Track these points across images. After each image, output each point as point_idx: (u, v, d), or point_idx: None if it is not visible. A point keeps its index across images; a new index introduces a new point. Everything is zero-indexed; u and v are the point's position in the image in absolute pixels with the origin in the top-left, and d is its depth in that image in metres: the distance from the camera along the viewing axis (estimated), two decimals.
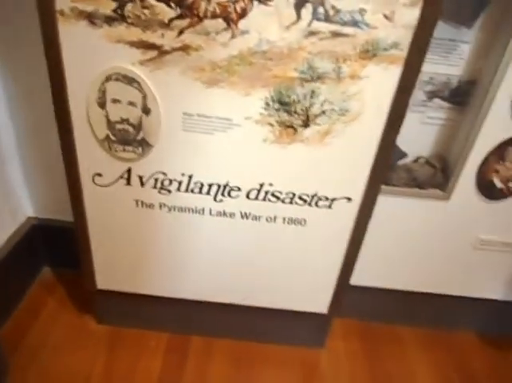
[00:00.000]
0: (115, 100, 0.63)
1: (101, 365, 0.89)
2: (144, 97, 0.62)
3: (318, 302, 0.86)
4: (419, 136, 0.81)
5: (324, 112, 0.63)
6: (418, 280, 0.94)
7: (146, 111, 0.64)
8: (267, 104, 0.62)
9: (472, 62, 0.73)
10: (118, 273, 0.85)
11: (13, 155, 0.94)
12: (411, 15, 0.54)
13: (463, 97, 0.77)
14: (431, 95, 0.77)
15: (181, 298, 0.87)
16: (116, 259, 0.83)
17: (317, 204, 0.72)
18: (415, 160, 0.84)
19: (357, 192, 0.71)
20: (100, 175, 0.71)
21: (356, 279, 0.92)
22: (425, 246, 0.88)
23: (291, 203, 0.72)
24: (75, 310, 1.00)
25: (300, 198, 0.72)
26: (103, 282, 0.87)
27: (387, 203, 0.81)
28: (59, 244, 1.06)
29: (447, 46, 0.71)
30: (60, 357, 0.89)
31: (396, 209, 0.83)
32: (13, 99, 0.87)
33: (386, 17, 0.55)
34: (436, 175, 0.81)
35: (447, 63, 0.74)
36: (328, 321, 0.92)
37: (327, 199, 0.72)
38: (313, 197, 0.71)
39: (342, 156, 0.67)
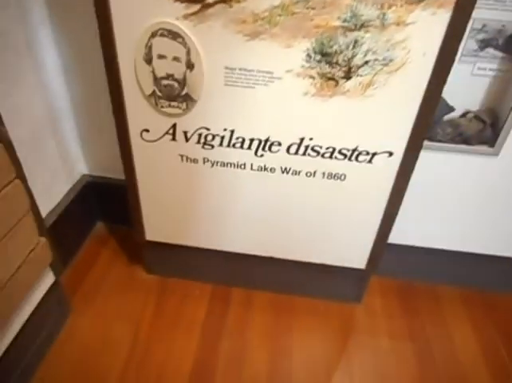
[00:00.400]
0: (160, 56, 0.65)
1: (151, 309, 0.96)
2: (188, 52, 0.64)
3: (357, 257, 0.88)
4: (469, 89, 0.78)
5: (366, 63, 0.62)
6: (462, 239, 0.93)
7: (190, 66, 0.65)
8: (308, 55, 0.62)
9: None
10: (165, 225, 0.90)
11: (68, 116, 1.01)
12: None
13: None
14: (484, 44, 0.73)
15: (223, 250, 0.92)
16: (163, 212, 0.88)
17: (357, 159, 0.72)
18: (463, 115, 0.81)
19: (399, 147, 0.70)
20: (147, 130, 0.75)
21: (397, 238, 0.92)
22: (471, 204, 0.86)
23: (331, 157, 0.73)
24: (126, 261, 1.09)
25: (340, 152, 0.72)
26: (151, 234, 0.93)
27: (431, 160, 0.80)
28: (111, 201, 1.14)
29: None
30: (113, 302, 0.98)
31: (441, 165, 0.82)
32: (67, 62, 0.92)
33: None
34: (485, 131, 0.78)
35: (502, 8, 0.69)
36: (366, 277, 0.94)
37: (367, 153, 0.71)
38: (353, 151, 0.72)
39: (384, 109, 0.66)
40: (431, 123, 0.67)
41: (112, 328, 0.92)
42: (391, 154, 0.71)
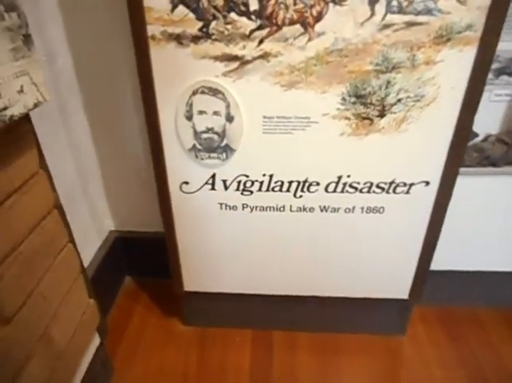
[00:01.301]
0: (201, 112, 0.68)
1: (194, 361, 0.94)
2: (228, 106, 0.67)
3: (399, 288, 0.88)
4: (488, 114, 0.82)
5: (399, 101, 0.65)
6: (498, 260, 0.94)
7: (229, 119, 0.69)
8: (343, 99, 0.65)
9: None
10: (203, 275, 0.90)
11: (96, 176, 1.03)
12: None
13: None
14: (498, 72, 0.78)
15: (262, 293, 0.91)
16: (201, 262, 0.88)
17: (394, 191, 0.74)
18: (485, 139, 0.84)
19: (435, 175, 0.72)
20: (186, 183, 0.77)
21: (434, 264, 0.93)
22: (503, 224, 0.88)
23: (369, 192, 0.75)
24: (161, 315, 1.07)
25: (377, 186, 0.74)
26: (189, 284, 0.92)
27: (463, 184, 0.82)
28: (139, 254, 1.14)
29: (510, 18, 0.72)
30: (155, 357, 0.95)
31: (472, 189, 0.84)
32: (95, 125, 0.95)
33: (459, 1, 0.57)
34: (509, 152, 0.81)
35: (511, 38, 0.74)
36: (410, 307, 0.94)
37: (405, 184, 0.74)
38: (390, 184, 0.74)
39: (419, 141, 0.69)
40: (465, 151, 0.69)
41: None
42: (428, 183, 0.73)
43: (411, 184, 0.73)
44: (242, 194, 0.77)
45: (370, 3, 0.58)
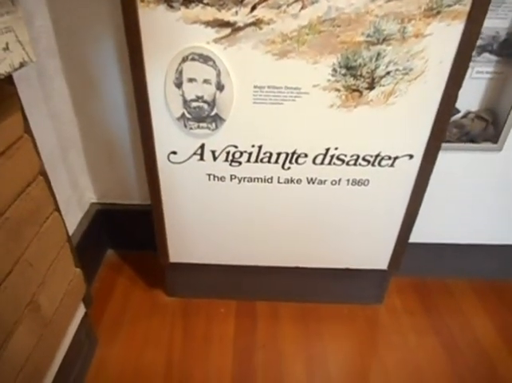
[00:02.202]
0: (191, 79, 0.67)
1: (179, 331, 0.95)
2: (218, 74, 0.67)
3: (379, 259, 0.91)
4: (468, 91, 0.84)
5: (388, 73, 0.66)
6: (471, 232, 0.99)
7: (220, 87, 0.68)
8: (334, 70, 0.66)
9: None
10: (189, 246, 0.91)
11: (76, 145, 1.00)
12: None
13: None
14: (480, 50, 0.80)
15: (247, 264, 0.93)
16: (187, 233, 0.88)
17: (380, 164, 0.76)
18: (465, 115, 0.87)
19: (419, 149, 0.74)
20: (175, 153, 0.76)
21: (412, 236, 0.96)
22: (479, 198, 0.92)
23: (355, 164, 0.76)
24: (144, 286, 1.07)
25: (364, 159, 0.76)
26: (175, 255, 0.92)
27: (442, 159, 0.85)
28: (121, 227, 1.13)
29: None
30: (138, 329, 0.96)
31: (450, 164, 0.87)
32: (76, 91, 0.92)
33: None
34: (488, 129, 0.85)
35: (495, 16, 0.76)
36: (388, 278, 0.98)
37: (390, 157, 0.75)
38: (376, 157, 0.75)
39: (405, 115, 0.70)
40: (448, 126, 0.72)
41: (143, 356, 0.90)
42: (411, 157, 0.75)
43: (396, 157, 0.75)
44: (230, 165, 0.77)
45: None
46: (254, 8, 0.60)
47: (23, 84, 0.76)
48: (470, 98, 0.86)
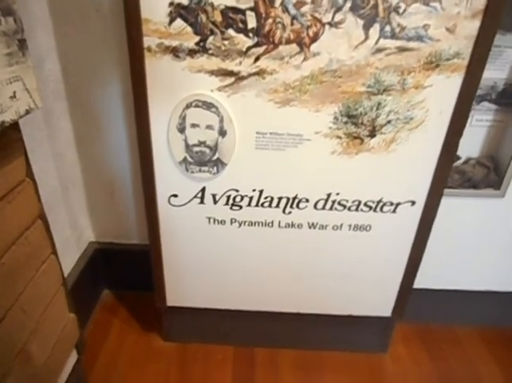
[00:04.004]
0: (194, 125, 0.68)
1: (175, 378, 0.91)
2: (221, 120, 0.67)
3: (382, 305, 0.88)
4: (469, 138, 0.85)
5: (389, 122, 0.67)
6: (476, 279, 0.96)
7: (222, 133, 0.69)
8: (336, 118, 0.67)
9: None
10: (187, 289, 0.88)
11: (78, 184, 1.00)
12: (472, 27, 0.59)
13: (510, 99, 0.81)
14: (479, 99, 0.81)
15: (247, 309, 0.90)
16: (186, 276, 0.86)
17: (381, 209, 0.76)
18: (466, 162, 0.87)
19: (421, 196, 0.74)
20: (175, 195, 0.76)
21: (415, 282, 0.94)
22: (483, 243, 0.91)
23: (357, 210, 0.76)
24: (140, 330, 1.04)
25: (365, 204, 0.75)
26: (173, 299, 0.90)
27: (445, 205, 0.84)
28: (118, 267, 1.11)
29: (493, 52, 0.76)
30: (133, 374, 0.92)
31: (453, 210, 0.86)
32: (81, 133, 0.93)
33: (448, 30, 0.59)
34: (490, 175, 0.85)
35: (493, 68, 0.78)
36: (392, 325, 0.94)
37: (392, 203, 0.75)
38: (378, 203, 0.75)
39: (406, 162, 0.71)
40: (450, 173, 0.72)
41: None
42: (413, 203, 0.75)
43: (398, 204, 0.75)
44: (231, 208, 0.77)
45: (364, 27, 0.59)
46: (257, 59, 0.62)
47: (29, 126, 0.77)
48: (470, 144, 0.86)
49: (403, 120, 0.67)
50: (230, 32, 0.60)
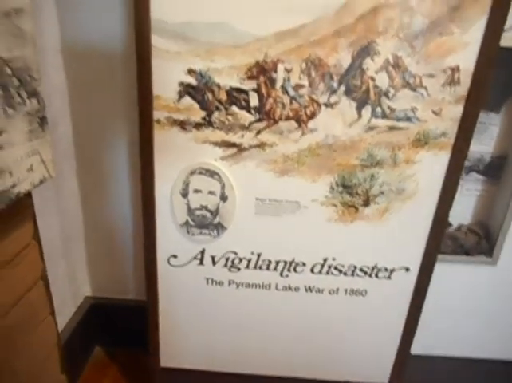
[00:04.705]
0: (197, 190, 0.72)
1: None
2: (223, 187, 0.71)
3: (380, 372, 0.87)
4: (460, 205, 0.88)
5: (382, 193, 0.71)
6: (469, 346, 0.96)
7: (223, 198, 0.72)
8: (332, 187, 0.70)
9: (501, 141, 0.83)
10: (182, 350, 0.87)
11: (79, 240, 1.02)
12: (456, 110, 0.64)
13: (496, 171, 0.85)
14: (468, 169, 0.86)
15: (242, 373, 0.89)
16: (182, 336, 0.86)
17: (377, 275, 0.77)
18: (458, 228, 0.90)
19: (415, 262, 0.76)
20: (175, 256, 0.78)
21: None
22: (475, 311, 0.91)
23: (353, 275, 0.77)
24: None
25: (361, 270, 0.77)
26: (167, 359, 0.89)
27: (438, 271, 0.86)
28: (111, 322, 1.10)
29: (479, 128, 0.81)
30: None
31: (446, 276, 0.88)
32: (86, 187, 0.97)
33: (434, 112, 0.64)
34: (481, 243, 0.87)
35: (479, 142, 0.83)
36: None
37: (386, 270, 0.77)
38: (373, 269, 0.77)
39: (400, 230, 0.73)
40: (442, 240, 0.74)
41: None
42: (408, 269, 0.77)
43: (393, 270, 0.77)
44: (229, 270, 0.78)
45: (357, 108, 0.65)
46: (258, 133, 0.67)
47: (38, 187, 0.81)
48: (462, 212, 0.90)
49: (396, 191, 0.70)
50: (234, 109, 0.66)
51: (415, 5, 0.58)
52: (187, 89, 0.64)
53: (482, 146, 0.84)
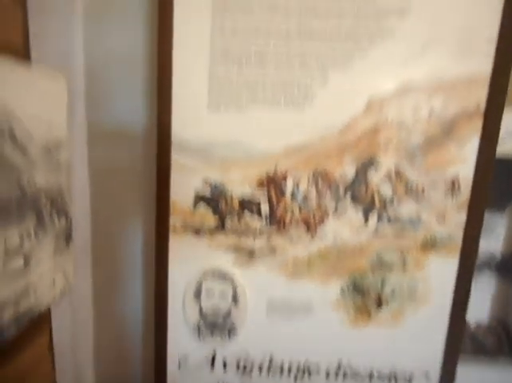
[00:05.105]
0: (209, 293, 0.73)
1: None
2: (235, 290, 0.72)
3: None
4: (476, 303, 0.86)
5: (394, 296, 0.71)
6: None
7: (235, 301, 0.72)
8: (343, 290, 0.71)
9: (510, 239, 0.83)
10: None
11: (87, 343, 1.00)
12: (460, 217, 0.66)
13: (508, 268, 0.85)
14: (480, 267, 0.85)
15: None
16: None
17: (396, 381, 0.74)
18: (477, 326, 0.88)
19: (435, 366, 0.73)
20: (186, 358, 0.76)
21: None
22: None
23: (370, 380, 0.74)
24: None
25: (378, 375, 0.74)
26: None
27: (459, 374, 0.82)
28: None
29: (486, 227, 0.82)
30: None
31: (469, 379, 0.83)
32: (98, 285, 0.98)
33: (439, 218, 0.67)
34: (501, 342, 0.84)
35: (488, 240, 0.84)
36: None
37: (405, 375, 0.74)
38: (391, 374, 0.74)
39: (416, 333, 0.72)
40: (461, 343, 0.72)
41: None
42: (428, 374, 0.73)
43: (412, 375, 0.74)
44: (241, 375, 0.76)
45: (364, 214, 0.68)
46: (270, 238, 0.70)
47: None
48: (479, 309, 0.87)
49: (408, 294, 0.70)
50: (246, 215, 0.69)
51: (412, 126, 0.63)
52: (202, 198, 0.69)
53: (492, 243, 0.84)
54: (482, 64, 0.61)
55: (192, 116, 0.66)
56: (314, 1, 0.61)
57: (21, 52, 0.57)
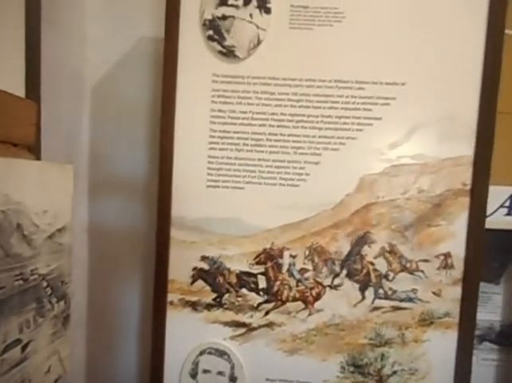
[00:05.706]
0: (206, 371, 0.71)
1: None
2: (232, 367, 0.71)
3: None
4: (478, 376, 0.84)
5: (395, 372, 0.69)
6: None
7: (233, 379, 0.71)
8: (342, 367, 0.70)
9: (507, 310, 0.84)
10: None
11: None
12: (455, 292, 0.67)
13: (509, 339, 0.84)
14: (480, 339, 0.85)
15: None
16: None
17: None
18: None
19: None
20: None
21: None
22: None
23: None
24: None
25: None
26: None
27: None
28: None
29: (483, 298, 0.83)
30: None
31: None
32: (91, 353, 0.96)
33: (435, 293, 0.68)
34: None
35: (485, 311, 0.84)
36: None
37: None
38: None
39: None
40: None
41: None
42: None
43: None
44: None
45: (360, 289, 0.68)
46: (267, 313, 0.70)
47: None
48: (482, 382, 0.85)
49: (409, 371, 0.69)
50: (244, 291, 0.70)
51: (402, 204, 0.66)
52: (200, 273, 0.70)
53: (490, 314, 0.84)
54: (465, 147, 0.65)
55: (191, 194, 0.69)
56: (307, 90, 0.67)
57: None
